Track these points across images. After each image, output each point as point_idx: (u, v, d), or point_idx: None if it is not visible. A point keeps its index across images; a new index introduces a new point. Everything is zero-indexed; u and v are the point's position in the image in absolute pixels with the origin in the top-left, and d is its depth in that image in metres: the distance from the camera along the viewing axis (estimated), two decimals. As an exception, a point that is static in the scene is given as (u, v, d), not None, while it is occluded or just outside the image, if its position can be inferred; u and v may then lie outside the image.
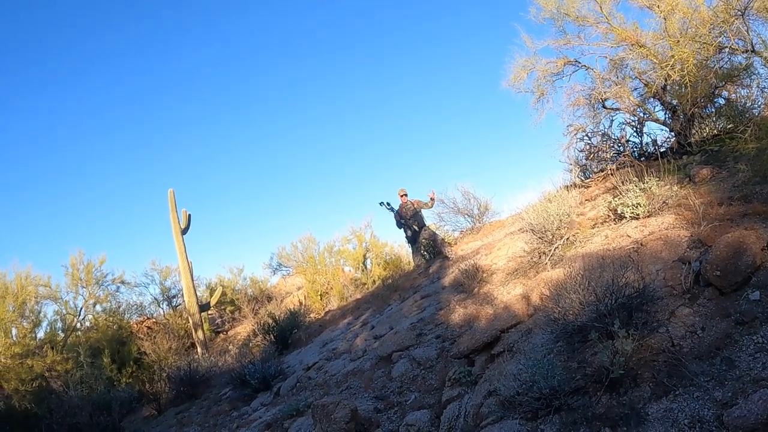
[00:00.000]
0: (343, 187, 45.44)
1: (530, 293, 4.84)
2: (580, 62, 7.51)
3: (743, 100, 6.44)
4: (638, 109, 7.30)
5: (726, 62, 6.21)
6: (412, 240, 10.12)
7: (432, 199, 10.03)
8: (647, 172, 5.63)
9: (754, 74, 6.12)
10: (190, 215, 12.45)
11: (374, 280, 12.54)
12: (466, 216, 11.46)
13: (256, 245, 39.99)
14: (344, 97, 47.95)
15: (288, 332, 9.33)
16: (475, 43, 44.81)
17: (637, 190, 5.29)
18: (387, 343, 6.03)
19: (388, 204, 10.09)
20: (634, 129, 7.56)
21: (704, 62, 6.08)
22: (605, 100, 7.41)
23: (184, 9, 48.53)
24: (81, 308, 12.49)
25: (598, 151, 7.67)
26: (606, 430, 2.83)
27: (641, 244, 4.48)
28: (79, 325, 12.50)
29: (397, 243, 14.52)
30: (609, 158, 7.49)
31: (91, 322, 12.82)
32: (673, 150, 6.92)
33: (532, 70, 7.68)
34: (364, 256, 13.67)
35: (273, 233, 40.98)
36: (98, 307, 13.02)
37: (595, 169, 7.83)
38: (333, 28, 49.03)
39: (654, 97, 7.09)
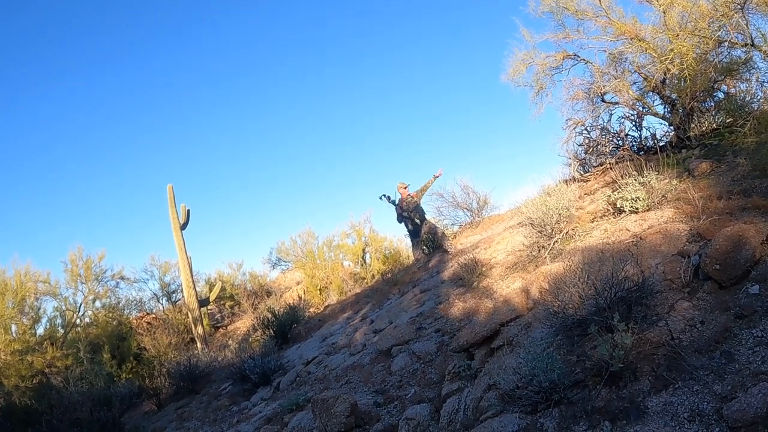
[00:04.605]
0: (342, 181, 45.45)
1: (529, 287, 4.85)
2: (579, 56, 7.50)
3: (742, 94, 6.43)
4: (637, 103, 7.29)
5: (725, 56, 6.21)
6: (414, 234, 10.13)
7: (435, 176, 10.09)
8: (646, 166, 5.64)
9: (754, 68, 6.12)
10: (189, 210, 12.41)
11: (373, 275, 12.55)
12: (465, 210, 11.48)
13: (255, 240, 40.02)
14: (343, 91, 47.86)
15: (287, 327, 9.34)
16: (474, 36, 44.72)
17: (636, 184, 5.29)
18: (386, 337, 6.04)
19: (388, 197, 10.11)
20: (633, 123, 7.55)
21: (703, 56, 6.06)
22: (604, 93, 7.40)
23: (182, 4, 48.28)
24: (80, 304, 12.50)
25: (597, 145, 7.66)
26: (605, 423, 2.84)
27: (640, 238, 4.48)
28: (78, 321, 12.52)
29: (396, 237, 14.53)
30: (608, 152, 7.48)
31: (90, 318, 12.83)
32: (672, 144, 6.92)
33: (531, 64, 7.66)
34: (364, 250, 13.67)
35: (272, 228, 41.00)
36: (98, 303, 13.05)
37: (594, 163, 7.82)
38: (332, 23, 48.86)
39: (653, 91, 7.08)
